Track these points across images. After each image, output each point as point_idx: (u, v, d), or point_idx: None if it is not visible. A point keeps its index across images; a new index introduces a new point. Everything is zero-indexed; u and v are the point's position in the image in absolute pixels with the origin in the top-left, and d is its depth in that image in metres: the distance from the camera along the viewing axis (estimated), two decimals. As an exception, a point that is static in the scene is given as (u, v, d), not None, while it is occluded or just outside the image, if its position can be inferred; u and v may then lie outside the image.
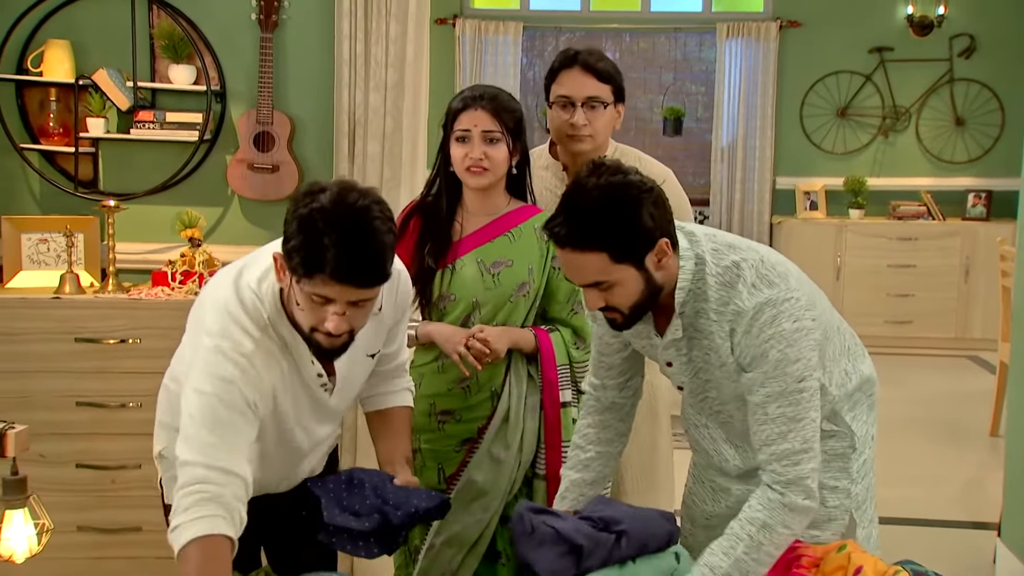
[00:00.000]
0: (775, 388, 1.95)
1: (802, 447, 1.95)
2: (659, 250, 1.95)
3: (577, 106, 2.69)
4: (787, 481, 1.95)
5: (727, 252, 2.02)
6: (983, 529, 4.34)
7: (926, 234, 7.73)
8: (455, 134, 2.53)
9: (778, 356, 1.94)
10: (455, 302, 2.57)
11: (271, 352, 2.01)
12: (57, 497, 3.02)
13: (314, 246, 1.82)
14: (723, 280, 1.99)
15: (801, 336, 1.95)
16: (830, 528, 2.14)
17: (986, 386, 6.42)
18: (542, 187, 2.81)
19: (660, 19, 8.32)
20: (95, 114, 3.68)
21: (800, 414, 1.95)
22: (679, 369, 2.13)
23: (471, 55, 8.07)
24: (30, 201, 3.84)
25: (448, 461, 2.62)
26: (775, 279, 1.98)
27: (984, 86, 8.00)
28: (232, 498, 1.86)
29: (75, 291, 3.52)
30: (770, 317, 1.95)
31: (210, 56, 3.75)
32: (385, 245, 1.88)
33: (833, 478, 2.14)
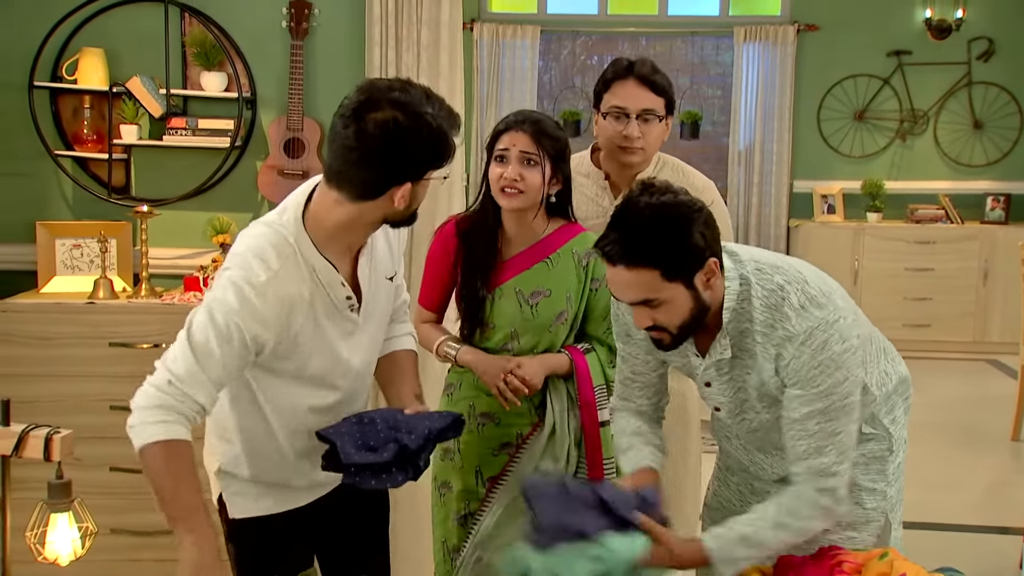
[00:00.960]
0: (819, 407, 1.96)
1: (837, 459, 1.97)
2: (708, 269, 1.95)
3: (632, 118, 2.67)
4: (821, 489, 1.98)
5: (771, 273, 2.02)
6: (1007, 534, 4.34)
7: (944, 237, 7.72)
8: (495, 154, 2.53)
9: (830, 382, 1.95)
10: (494, 330, 2.57)
11: (293, 279, 2.02)
12: (91, 500, 3.02)
13: (430, 137, 1.94)
14: (769, 302, 1.99)
15: (850, 356, 1.97)
16: (867, 530, 2.16)
17: (1006, 390, 6.42)
18: (581, 194, 2.79)
19: (677, 23, 8.32)
20: (128, 121, 3.73)
21: (839, 428, 1.97)
22: (718, 390, 2.14)
23: (488, 59, 8.08)
24: (64, 207, 3.89)
25: (486, 464, 2.63)
26: (822, 300, 1.99)
27: (1003, 89, 7.98)
28: (190, 412, 1.95)
29: (109, 296, 3.56)
30: (821, 342, 1.95)
31: (241, 63, 3.80)
32: None
33: (872, 480, 2.16)
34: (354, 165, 1.94)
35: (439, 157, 2.00)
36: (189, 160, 3.83)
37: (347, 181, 1.97)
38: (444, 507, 2.68)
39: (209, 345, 1.94)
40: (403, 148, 1.93)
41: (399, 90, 1.95)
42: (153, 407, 1.95)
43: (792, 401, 2.00)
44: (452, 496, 2.66)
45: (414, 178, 1.99)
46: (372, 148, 1.92)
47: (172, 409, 1.94)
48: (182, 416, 1.94)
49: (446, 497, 2.68)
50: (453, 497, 2.66)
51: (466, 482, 2.64)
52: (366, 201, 1.99)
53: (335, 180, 1.99)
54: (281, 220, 2.06)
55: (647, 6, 8.43)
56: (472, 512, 2.62)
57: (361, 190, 1.98)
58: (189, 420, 1.95)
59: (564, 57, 8.74)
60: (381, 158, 1.93)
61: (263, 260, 1.99)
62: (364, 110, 1.92)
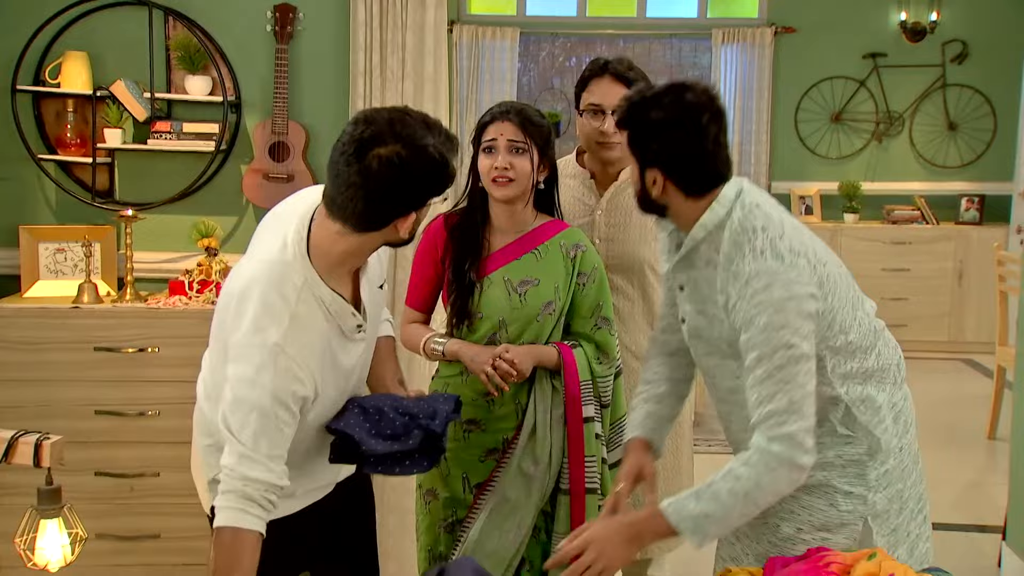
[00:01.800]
0: (763, 351, 1.99)
1: (788, 407, 1.98)
2: (653, 176, 2.08)
3: (607, 114, 2.73)
4: (772, 437, 1.99)
5: (756, 216, 2.06)
6: (986, 532, 4.41)
7: (920, 238, 7.82)
8: (482, 146, 2.56)
9: (766, 321, 1.99)
10: (482, 320, 2.58)
11: (309, 320, 2.02)
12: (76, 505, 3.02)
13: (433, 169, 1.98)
14: (736, 239, 2.05)
15: (793, 306, 1.99)
16: (842, 532, 2.16)
17: (981, 390, 6.51)
18: (569, 196, 2.85)
19: (655, 25, 8.38)
20: (112, 125, 3.72)
21: (788, 376, 1.98)
22: (687, 296, 2.20)
23: (468, 60, 8.10)
24: (47, 211, 3.87)
25: (473, 470, 2.64)
26: (785, 254, 2.03)
27: (976, 91, 8.09)
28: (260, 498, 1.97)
29: (93, 300, 3.55)
30: (764, 285, 2.00)
31: (226, 67, 3.79)
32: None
33: (848, 483, 2.16)
34: (359, 201, 1.95)
35: (442, 186, 2.03)
36: (174, 164, 3.82)
37: (351, 216, 1.98)
38: (430, 515, 2.68)
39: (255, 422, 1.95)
40: (408, 183, 1.96)
41: (399, 122, 1.96)
42: (224, 491, 1.97)
43: (744, 348, 2.03)
44: (438, 504, 2.66)
45: (418, 208, 2.02)
46: (377, 185, 1.94)
47: (241, 495, 1.96)
48: (250, 502, 1.96)
49: (432, 505, 2.68)
50: (439, 505, 2.66)
51: (453, 489, 2.64)
52: (370, 232, 2.02)
53: (338, 214, 1.99)
54: (283, 258, 2.03)
55: (625, 8, 8.48)
56: (460, 520, 2.63)
57: (366, 224, 2.00)
58: (261, 505, 1.97)
59: (543, 59, 8.77)
60: (386, 194, 1.96)
61: (272, 312, 1.98)
62: (367, 147, 1.93)
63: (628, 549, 2.06)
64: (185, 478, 3.45)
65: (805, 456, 1.99)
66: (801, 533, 2.16)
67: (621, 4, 8.50)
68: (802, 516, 2.18)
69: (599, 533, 2.06)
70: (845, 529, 2.16)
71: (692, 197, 2.09)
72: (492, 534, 2.56)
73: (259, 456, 1.95)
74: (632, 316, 2.87)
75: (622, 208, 2.83)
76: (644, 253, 2.84)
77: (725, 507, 2.00)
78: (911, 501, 2.25)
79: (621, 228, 2.83)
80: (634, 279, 2.85)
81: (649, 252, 2.84)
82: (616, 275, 2.83)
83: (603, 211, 2.84)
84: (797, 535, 2.17)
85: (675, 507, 2.02)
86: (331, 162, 1.99)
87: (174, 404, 3.47)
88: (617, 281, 2.83)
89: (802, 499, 2.16)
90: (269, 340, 1.95)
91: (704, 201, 2.09)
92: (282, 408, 1.96)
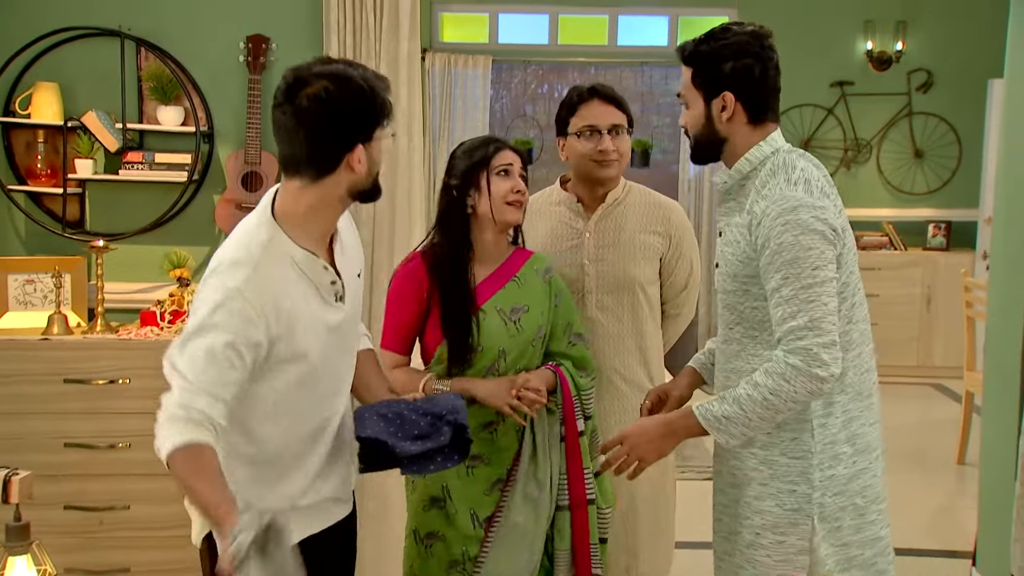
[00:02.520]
0: (792, 272, 2.09)
1: (807, 324, 2.07)
2: (723, 100, 2.22)
3: (604, 133, 2.81)
4: (791, 350, 2.09)
5: (798, 163, 2.21)
6: (955, 558, 4.44)
7: (888, 264, 7.90)
8: (495, 169, 2.59)
9: (791, 240, 2.09)
10: (482, 352, 2.59)
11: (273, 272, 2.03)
12: (45, 539, 2.97)
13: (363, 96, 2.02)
14: (774, 169, 2.19)
15: (814, 233, 2.09)
16: (794, 533, 2.21)
17: (950, 414, 6.56)
18: (555, 222, 2.91)
19: (626, 53, 8.45)
20: (83, 155, 3.72)
21: (812, 297, 2.08)
22: (724, 240, 2.30)
23: (441, 88, 8.13)
24: (16, 242, 3.85)
25: (479, 504, 2.62)
26: (815, 191, 2.15)
27: (941, 119, 8.21)
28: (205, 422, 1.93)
29: (63, 332, 3.52)
30: (792, 207, 2.11)
31: (198, 97, 3.79)
32: None
33: (792, 482, 2.21)
34: (303, 144, 2.00)
35: (379, 113, 2.07)
36: (146, 194, 3.82)
37: (303, 162, 2.03)
38: (433, 558, 2.62)
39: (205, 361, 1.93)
40: (342, 112, 2.00)
41: (321, 63, 2.05)
42: (165, 422, 1.93)
43: (767, 271, 2.14)
44: (442, 546, 2.61)
45: (363, 139, 2.05)
46: (313, 121, 1.98)
47: (185, 420, 1.92)
48: (195, 424, 1.92)
49: (433, 548, 2.62)
50: (443, 547, 2.61)
51: (461, 527, 2.60)
52: (327, 176, 2.04)
53: (292, 166, 2.05)
54: (248, 226, 2.09)
55: (597, 36, 8.55)
56: (473, 557, 2.59)
57: (318, 166, 2.03)
58: (206, 428, 1.92)
59: (515, 86, 8.83)
60: (325, 128, 1.99)
61: (236, 264, 2.01)
62: (294, 90, 2.00)
63: (663, 443, 2.25)
64: (156, 511, 3.44)
65: (822, 369, 2.08)
66: (759, 538, 2.24)
67: (592, 32, 8.58)
68: (755, 520, 2.25)
69: (634, 430, 2.26)
70: (796, 529, 2.21)
71: (753, 124, 2.25)
72: (505, 562, 2.56)
73: (201, 389, 1.92)
74: (621, 337, 2.89)
75: (611, 229, 2.88)
76: (634, 272, 2.87)
77: (745, 411, 2.14)
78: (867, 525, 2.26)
79: (610, 249, 2.87)
80: (624, 299, 2.88)
81: (639, 271, 2.88)
82: (606, 295, 2.87)
83: (592, 233, 2.88)
84: (756, 540, 2.24)
85: (703, 408, 2.19)
86: (273, 123, 2.05)
87: (145, 436, 3.32)
88: (607, 302, 2.87)
89: (752, 504, 2.25)
90: (229, 284, 1.98)
91: (758, 134, 2.25)
92: (231, 350, 1.95)
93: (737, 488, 2.30)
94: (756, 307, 2.22)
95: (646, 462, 2.26)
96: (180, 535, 3.29)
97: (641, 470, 2.28)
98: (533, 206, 2.93)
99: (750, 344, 2.25)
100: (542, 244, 2.88)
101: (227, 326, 1.96)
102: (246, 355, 1.98)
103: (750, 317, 2.24)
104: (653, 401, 2.49)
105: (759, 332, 2.23)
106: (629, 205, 2.91)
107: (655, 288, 2.94)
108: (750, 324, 2.24)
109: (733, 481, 2.31)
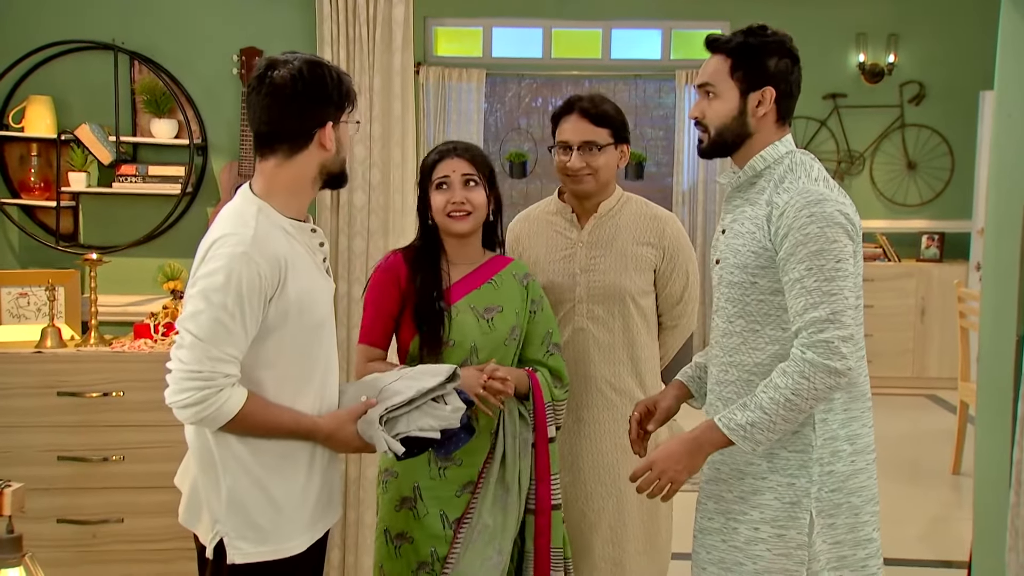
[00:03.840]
0: (816, 264, 2.11)
1: (829, 316, 2.09)
2: (763, 95, 2.23)
3: (574, 149, 2.83)
4: (810, 343, 2.10)
5: (815, 163, 2.26)
6: (951, 568, 4.44)
7: (882, 275, 7.92)
8: (434, 183, 2.66)
9: (817, 232, 2.11)
10: (453, 348, 2.63)
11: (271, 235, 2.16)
12: (38, 554, 2.96)
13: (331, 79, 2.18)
14: (792, 167, 2.23)
15: (839, 227, 2.12)
16: (794, 527, 2.21)
17: (945, 425, 6.57)
18: (550, 231, 2.94)
19: (620, 66, 8.49)
20: (77, 168, 3.71)
21: (834, 289, 2.10)
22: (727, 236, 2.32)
23: (435, 101, 8.16)
24: (9, 255, 3.84)
25: (449, 505, 2.64)
26: (835, 188, 2.19)
27: (934, 131, 8.25)
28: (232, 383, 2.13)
29: (56, 345, 3.51)
30: (816, 199, 2.14)
31: (192, 110, 3.80)
32: None
33: (791, 475, 2.22)
34: (276, 117, 2.15)
35: (345, 97, 2.22)
36: (139, 207, 3.82)
37: (275, 136, 2.17)
38: (401, 558, 2.66)
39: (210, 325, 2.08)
40: (313, 89, 2.15)
41: (290, 52, 2.22)
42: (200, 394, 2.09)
43: (788, 262, 2.15)
44: (412, 547, 2.64)
45: (333, 118, 2.19)
46: (285, 94, 2.14)
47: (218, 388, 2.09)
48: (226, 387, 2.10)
49: (403, 549, 2.66)
50: (413, 548, 2.64)
51: (430, 528, 2.63)
52: (299, 152, 2.18)
53: (265, 142, 2.19)
54: (232, 207, 2.21)
55: (590, 50, 8.58)
56: (443, 557, 2.61)
57: (291, 140, 2.17)
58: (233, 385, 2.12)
59: (509, 99, 8.85)
60: (296, 101, 2.14)
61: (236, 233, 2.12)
62: (266, 72, 2.16)
63: (692, 460, 2.22)
64: (150, 524, 3.42)
65: (840, 362, 2.09)
66: (758, 532, 2.24)
67: (586, 46, 8.61)
68: (753, 515, 2.25)
69: (660, 453, 2.24)
70: (795, 523, 2.22)
71: (780, 123, 2.28)
72: (474, 562, 2.58)
73: (220, 351, 2.08)
74: (612, 347, 2.90)
75: (603, 240, 2.90)
76: (625, 283, 2.88)
77: (768, 415, 2.13)
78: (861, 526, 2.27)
79: (602, 259, 2.88)
80: (615, 309, 2.89)
81: (630, 282, 2.88)
82: (597, 306, 2.88)
83: (584, 243, 2.90)
84: (755, 534, 2.24)
85: (726, 419, 2.18)
86: (248, 108, 2.20)
87: (139, 449, 3.43)
88: (598, 312, 2.88)
89: (750, 499, 2.25)
90: (237, 249, 2.10)
91: (777, 135, 2.28)
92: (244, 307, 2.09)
93: (730, 484, 2.30)
94: (763, 300, 2.24)
95: (678, 483, 2.24)
96: (174, 548, 3.30)
97: (674, 492, 2.26)
98: (530, 216, 3.01)
99: (751, 337, 2.26)
100: (538, 254, 2.92)
101: (240, 286, 2.08)
102: (258, 312, 2.11)
103: (755, 310, 2.25)
104: (641, 412, 2.50)
105: (761, 326, 2.24)
106: (624, 216, 2.92)
107: (649, 299, 2.94)
108: (753, 317, 2.26)
109: (724, 477, 2.32)
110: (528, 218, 3.02)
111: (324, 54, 3.70)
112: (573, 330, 2.88)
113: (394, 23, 3.67)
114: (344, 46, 3.68)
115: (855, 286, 2.16)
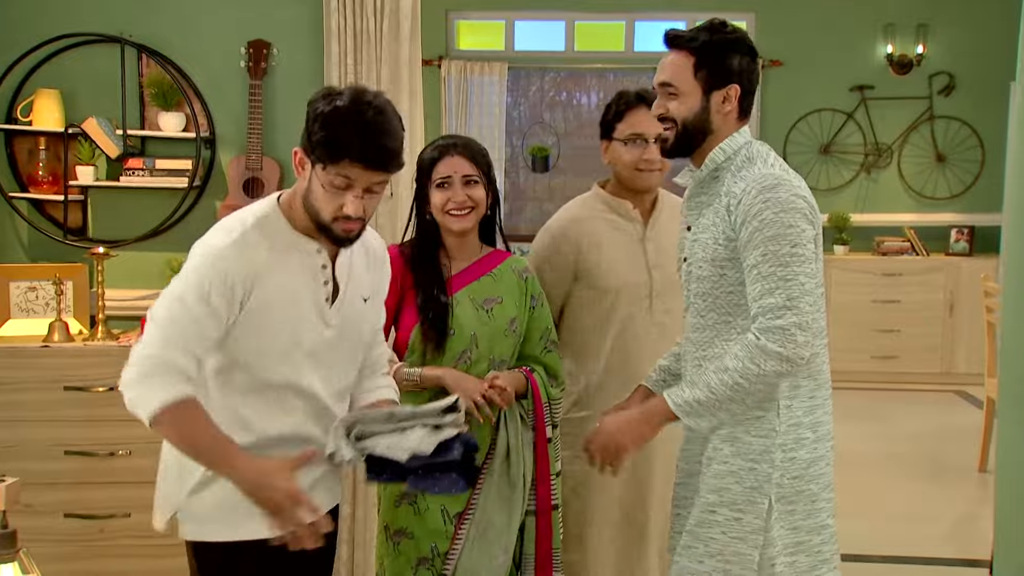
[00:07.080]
0: (771, 249, 2.11)
1: (785, 303, 2.09)
2: (727, 93, 2.23)
3: (650, 142, 2.80)
4: (765, 329, 2.10)
5: (771, 152, 2.26)
6: (975, 567, 4.35)
7: (910, 269, 7.79)
8: (435, 181, 2.62)
9: (772, 217, 2.11)
10: (454, 337, 2.61)
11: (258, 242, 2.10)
12: (45, 548, 2.99)
13: (340, 135, 2.04)
14: (749, 155, 2.24)
15: (796, 211, 2.13)
16: (752, 512, 2.21)
17: (973, 421, 6.45)
18: (613, 231, 2.88)
19: (643, 59, 8.39)
20: (84, 162, 3.71)
21: (789, 275, 2.10)
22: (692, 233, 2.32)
23: (456, 95, 8.13)
24: (18, 249, 3.85)
25: (450, 501, 2.61)
26: (791, 172, 2.21)
27: (964, 123, 8.10)
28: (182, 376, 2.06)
29: (64, 339, 3.50)
30: (772, 184, 2.14)
31: (199, 103, 3.78)
32: (400, 135, 2.12)
33: (753, 460, 2.22)
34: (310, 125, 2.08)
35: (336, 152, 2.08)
36: (147, 201, 3.81)
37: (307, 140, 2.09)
38: (401, 555, 2.63)
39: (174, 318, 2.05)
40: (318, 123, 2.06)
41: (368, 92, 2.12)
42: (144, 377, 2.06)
43: (746, 248, 2.15)
44: (411, 544, 2.62)
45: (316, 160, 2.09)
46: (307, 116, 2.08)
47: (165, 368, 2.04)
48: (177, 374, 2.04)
49: (403, 545, 2.64)
50: (412, 545, 2.62)
51: (431, 524, 2.61)
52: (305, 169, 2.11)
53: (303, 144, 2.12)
54: (242, 210, 2.18)
55: (614, 42, 8.51)
56: (443, 552, 2.60)
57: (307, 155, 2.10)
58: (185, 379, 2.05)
59: (532, 93, 8.80)
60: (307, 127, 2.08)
61: (225, 229, 2.11)
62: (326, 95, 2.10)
63: (640, 428, 2.29)
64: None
65: (792, 350, 2.10)
66: (714, 515, 2.25)
67: (609, 39, 8.54)
68: (711, 498, 2.26)
69: (608, 423, 2.34)
70: (753, 508, 2.22)
71: (740, 120, 2.28)
72: (481, 561, 2.57)
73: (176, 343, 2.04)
74: None
75: (663, 232, 2.89)
76: None
77: (715, 394, 2.16)
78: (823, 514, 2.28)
79: (666, 252, 2.85)
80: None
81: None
82: (671, 299, 2.82)
83: (650, 238, 2.89)
84: (711, 517, 2.25)
85: (674, 394, 2.22)
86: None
87: (145, 443, 3.39)
88: (672, 305, 2.83)
89: (710, 483, 2.26)
90: (216, 244, 2.08)
91: (735, 129, 2.27)
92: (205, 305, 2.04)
93: (697, 476, 2.31)
94: (732, 291, 2.23)
95: (625, 449, 2.30)
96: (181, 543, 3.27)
97: (622, 460, 2.32)
98: (581, 217, 2.91)
99: (724, 329, 2.25)
100: (612, 257, 2.86)
101: (203, 283, 2.04)
102: (221, 311, 2.06)
103: (725, 302, 2.25)
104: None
105: (733, 317, 2.24)
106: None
107: None
108: (725, 309, 2.25)
109: (693, 470, 2.34)
110: (579, 220, 2.92)
111: (331, 46, 3.67)
112: (653, 325, 2.85)
113: (402, 14, 3.63)
114: (351, 38, 3.64)
115: (814, 271, 2.15)
